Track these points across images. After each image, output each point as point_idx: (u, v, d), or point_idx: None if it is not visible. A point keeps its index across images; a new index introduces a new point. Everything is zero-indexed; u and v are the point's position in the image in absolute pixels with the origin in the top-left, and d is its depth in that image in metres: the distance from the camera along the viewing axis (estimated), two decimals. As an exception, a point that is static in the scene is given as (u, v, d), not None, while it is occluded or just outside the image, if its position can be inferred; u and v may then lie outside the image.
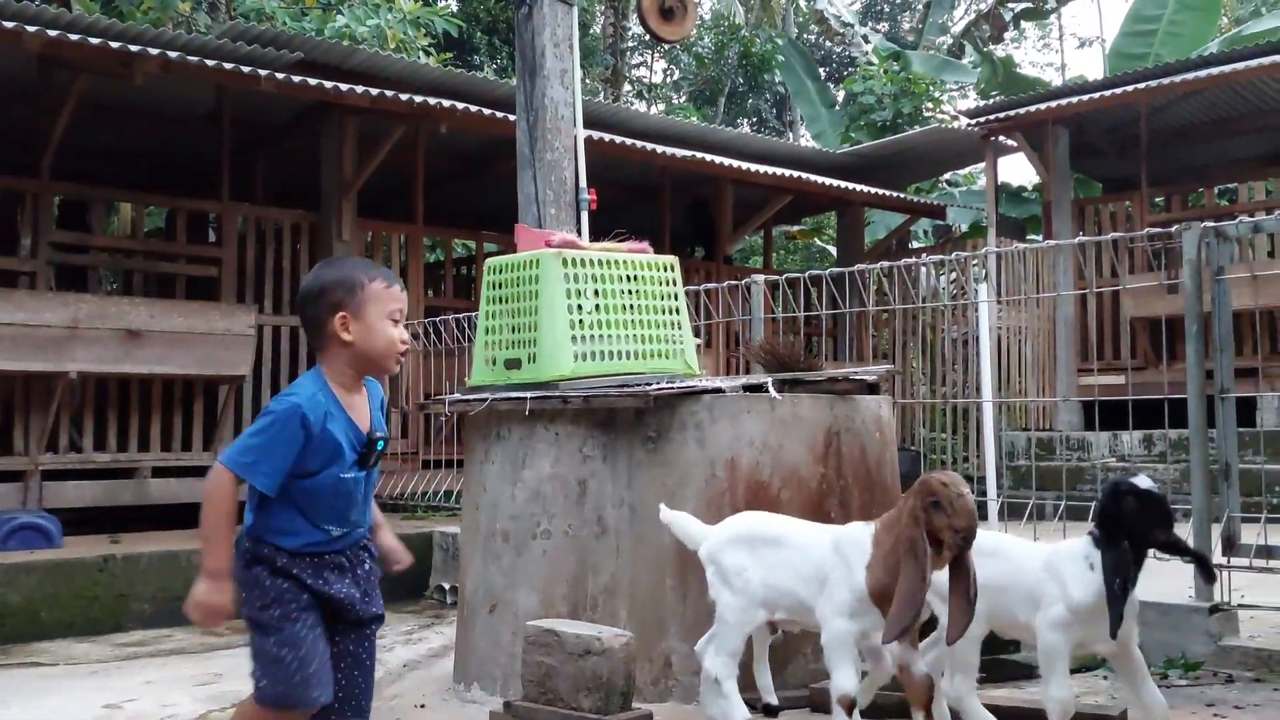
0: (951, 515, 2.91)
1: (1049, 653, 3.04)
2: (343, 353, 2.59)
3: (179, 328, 7.61)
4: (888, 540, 3.02)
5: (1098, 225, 11.32)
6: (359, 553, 2.72)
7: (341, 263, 2.75)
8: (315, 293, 2.61)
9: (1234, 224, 4.28)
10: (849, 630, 3.04)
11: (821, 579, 3.11)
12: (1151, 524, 3.02)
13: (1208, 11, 14.23)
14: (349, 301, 2.57)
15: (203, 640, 5.86)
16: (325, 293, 2.59)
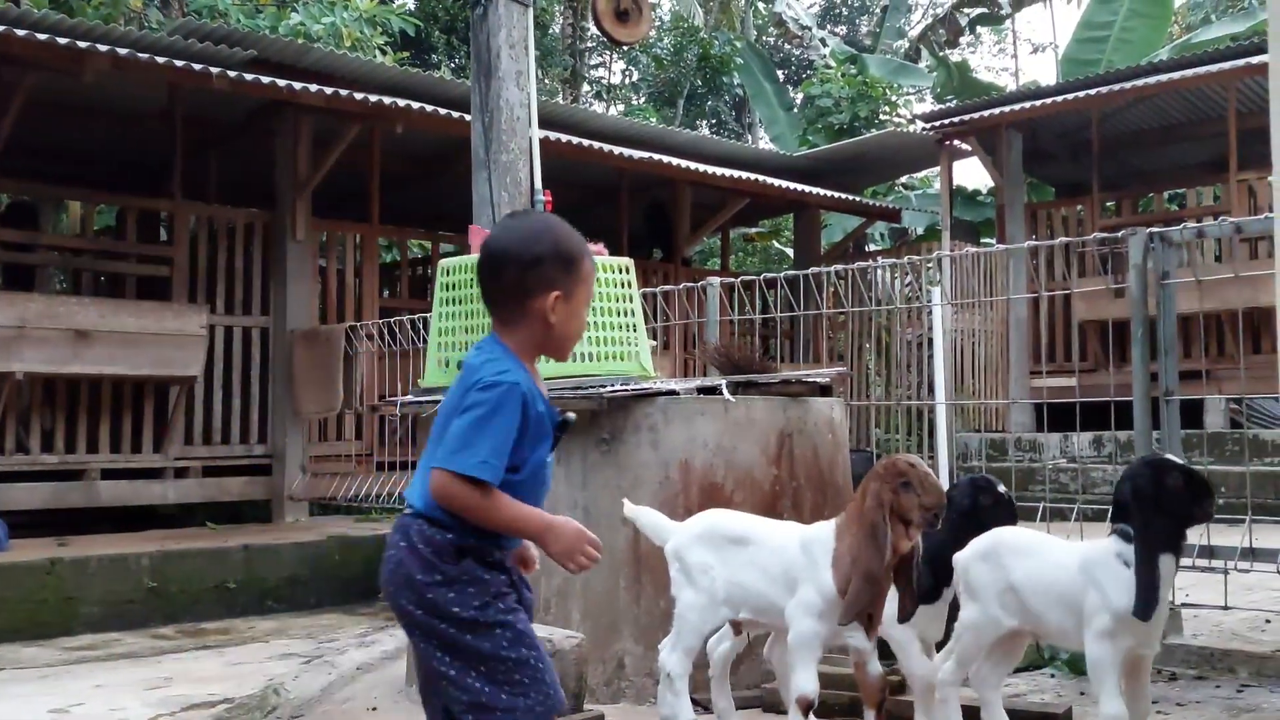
0: (922, 494, 2.96)
1: (1098, 665, 2.87)
2: (537, 331, 2.25)
3: (129, 328, 7.53)
4: (850, 535, 3.04)
5: (1050, 229, 11.47)
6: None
7: (549, 224, 2.33)
8: (528, 260, 2.23)
9: (1179, 230, 4.35)
10: (815, 631, 3.05)
11: (789, 579, 3.10)
12: (1193, 502, 2.86)
13: (1158, 19, 14.45)
14: (564, 280, 2.23)
15: (153, 644, 5.81)
16: (542, 264, 2.22)
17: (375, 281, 9.51)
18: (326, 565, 7.12)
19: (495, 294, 2.28)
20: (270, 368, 8.70)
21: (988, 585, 3.10)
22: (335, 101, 8.06)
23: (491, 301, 2.29)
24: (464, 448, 2.11)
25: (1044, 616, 3.01)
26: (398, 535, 2.20)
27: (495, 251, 2.28)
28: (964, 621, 3.16)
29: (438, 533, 2.16)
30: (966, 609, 3.15)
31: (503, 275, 2.25)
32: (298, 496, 8.43)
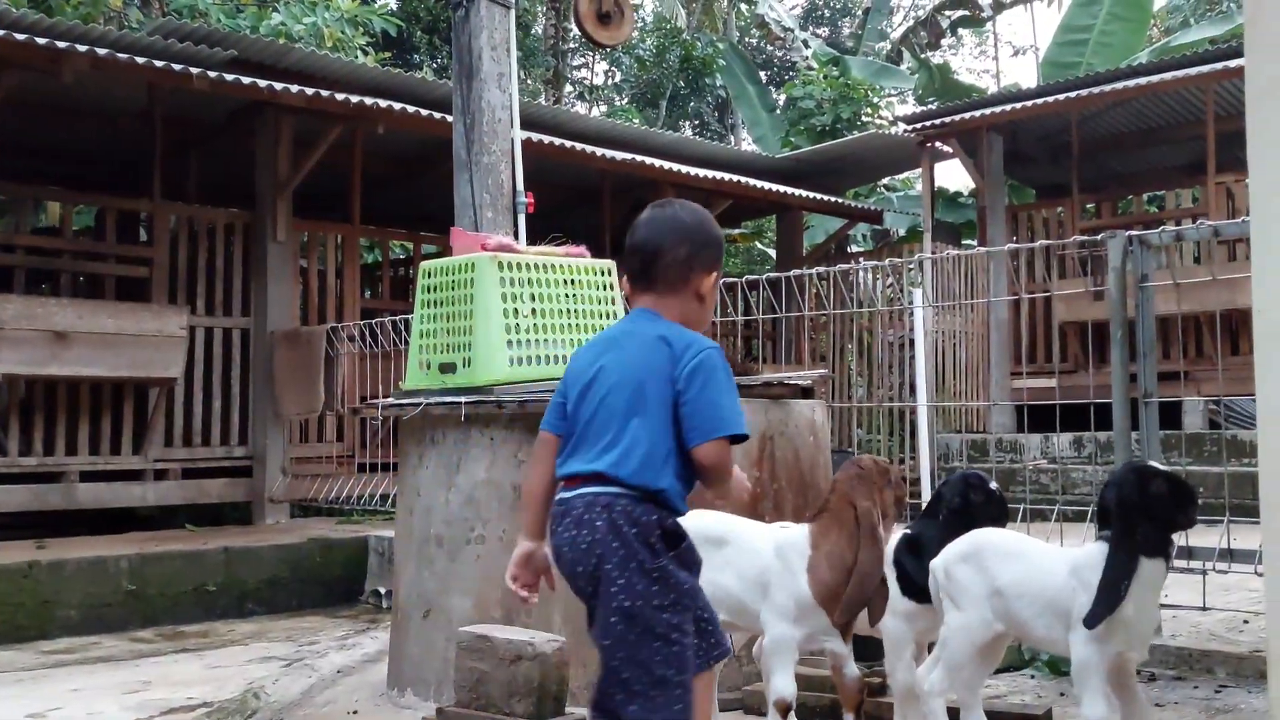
0: (897, 489, 3.02)
1: (1084, 668, 2.84)
2: (691, 308, 2.35)
3: (108, 329, 7.49)
4: (826, 541, 3.04)
5: (1031, 231, 11.51)
6: None
7: (708, 213, 2.50)
8: (703, 241, 2.38)
9: (1157, 233, 4.38)
10: (791, 636, 3.04)
11: (764, 583, 3.09)
12: (1177, 508, 2.88)
13: (1137, 22, 14.53)
14: (718, 265, 2.40)
15: (131, 647, 5.78)
16: (711, 246, 2.39)
17: (356, 282, 9.48)
18: (307, 567, 7.09)
19: (661, 269, 2.37)
20: (251, 369, 8.66)
21: (973, 588, 3.05)
22: (316, 102, 8.04)
23: (653, 276, 2.37)
24: (730, 412, 2.24)
25: (1031, 622, 2.99)
26: (598, 512, 2.21)
27: (672, 228, 2.39)
28: (950, 626, 3.09)
29: (646, 512, 2.21)
30: (951, 614, 3.09)
31: (676, 251, 2.36)
32: (278, 498, 8.40)
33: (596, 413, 2.30)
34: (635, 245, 2.42)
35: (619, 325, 2.48)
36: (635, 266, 2.41)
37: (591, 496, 2.23)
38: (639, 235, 2.42)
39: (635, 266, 2.41)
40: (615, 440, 2.25)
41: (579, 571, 2.24)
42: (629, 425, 2.25)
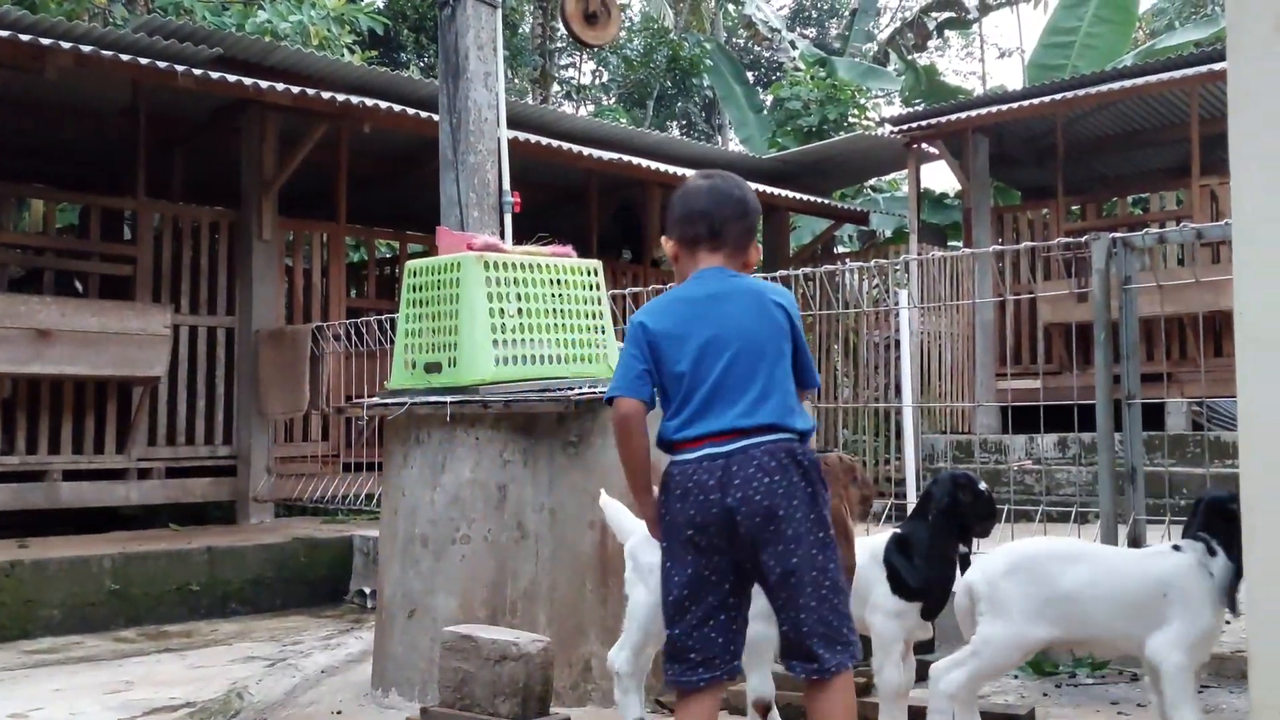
0: (863, 486, 3.06)
1: (1181, 677, 2.90)
2: (748, 267, 2.66)
3: (91, 327, 7.45)
4: None
5: (1016, 232, 11.55)
6: None
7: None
8: (757, 210, 2.69)
9: (1140, 235, 4.40)
10: (767, 635, 3.05)
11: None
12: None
13: (1123, 25, 14.59)
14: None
15: (114, 647, 5.75)
16: (759, 214, 2.72)
17: (342, 281, 9.46)
18: (291, 567, 7.07)
19: (741, 232, 2.63)
20: (235, 368, 8.63)
21: (1021, 599, 3.04)
22: (302, 100, 8.01)
23: (732, 238, 2.61)
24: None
25: (1106, 625, 3.01)
26: (783, 458, 2.44)
27: (739, 198, 2.66)
28: (987, 638, 3.08)
29: (809, 452, 2.51)
30: (990, 625, 3.08)
31: (748, 218, 2.64)
32: (262, 498, 8.37)
33: (730, 368, 2.47)
34: (702, 211, 2.61)
35: (702, 285, 2.57)
36: (703, 230, 2.60)
37: (771, 444, 2.44)
38: (703, 202, 2.62)
39: (703, 230, 2.60)
40: (767, 391, 2.46)
41: (756, 521, 2.41)
42: (775, 375, 2.49)
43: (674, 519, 2.47)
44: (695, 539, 2.44)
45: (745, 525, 2.42)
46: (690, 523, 2.44)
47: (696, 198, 2.62)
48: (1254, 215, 1.90)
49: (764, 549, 2.43)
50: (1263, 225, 1.89)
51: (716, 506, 2.42)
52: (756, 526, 2.42)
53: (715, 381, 2.47)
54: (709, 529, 2.43)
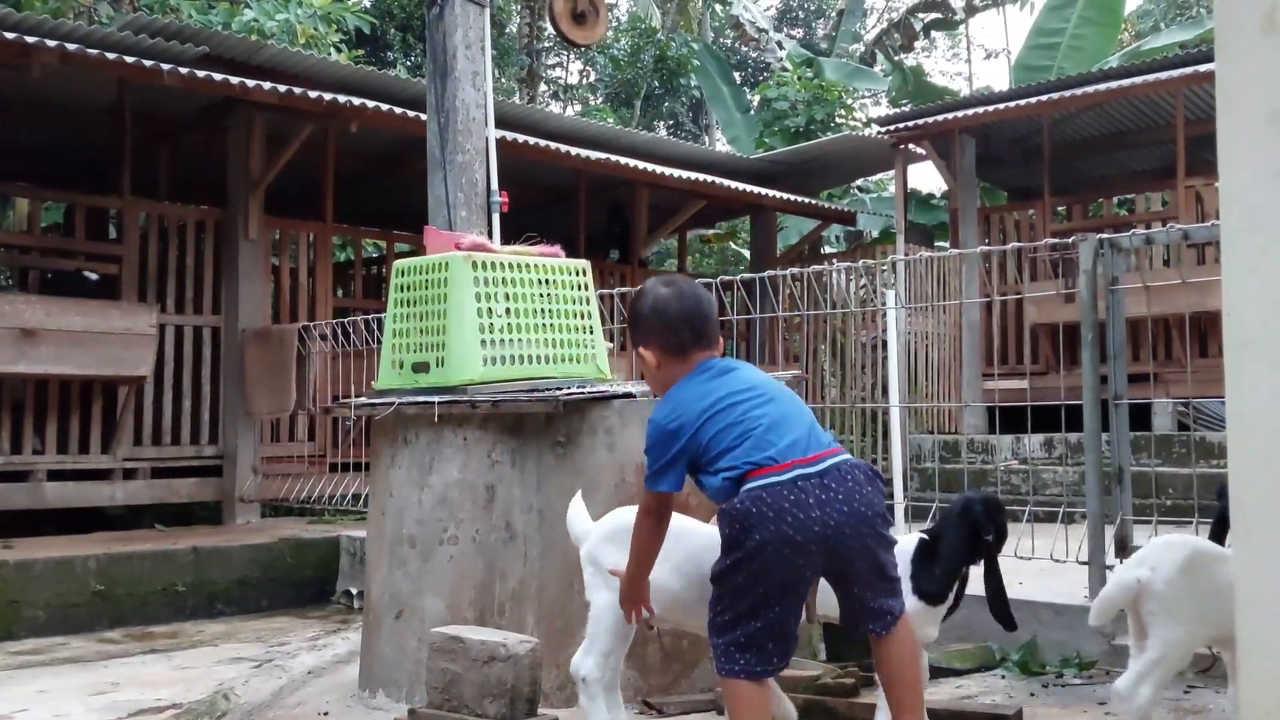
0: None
1: None
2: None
3: (77, 326, 7.41)
4: None
5: (1003, 233, 11.58)
6: None
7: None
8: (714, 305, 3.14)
9: (1127, 236, 4.41)
10: None
11: (703, 579, 2.95)
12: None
13: (1109, 26, 14.65)
14: None
15: (99, 648, 5.72)
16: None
17: (329, 281, 9.43)
18: (278, 568, 7.05)
19: (714, 327, 2.95)
20: (221, 368, 8.60)
21: (1195, 598, 3.01)
22: (289, 99, 7.98)
23: (710, 333, 2.92)
24: None
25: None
26: (862, 475, 2.74)
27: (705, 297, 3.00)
28: (1170, 642, 3.03)
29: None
30: (1168, 629, 3.03)
31: (714, 313, 2.98)
32: (249, 498, 8.34)
33: (780, 407, 2.79)
34: (680, 318, 2.89)
35: (710, 368, 2.88)
36: (687, 336, 2.87)
37: (852, 461, 2.76)
38: (676, 311, 2.89)
39: (687, 336, 2.87)
40: (813, 425, 2.80)
41: (862, 529, 2.71)
42: (809, 418, 2.82)
43: (764, 537, 2.62)
44: (789, 552, 2.63)
45: (852, 533, 2.69)
46: (786, 539, 2.63)
47: (668, 307, 2.89)
48: (1242, 216, 1.90)
49: (863, 552, 2.72)
50: (1251, 226, 1.89)
51: (819, 523, 2.64)
52: (862, 534, 2.70)
53: (772, 417, 2.74)
54: (810, 543, 2.64)
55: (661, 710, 3.68)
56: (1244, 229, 1.89)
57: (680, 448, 2.77)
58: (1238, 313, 1.86)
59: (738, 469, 2.69)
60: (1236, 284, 1.89)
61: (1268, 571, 1.86)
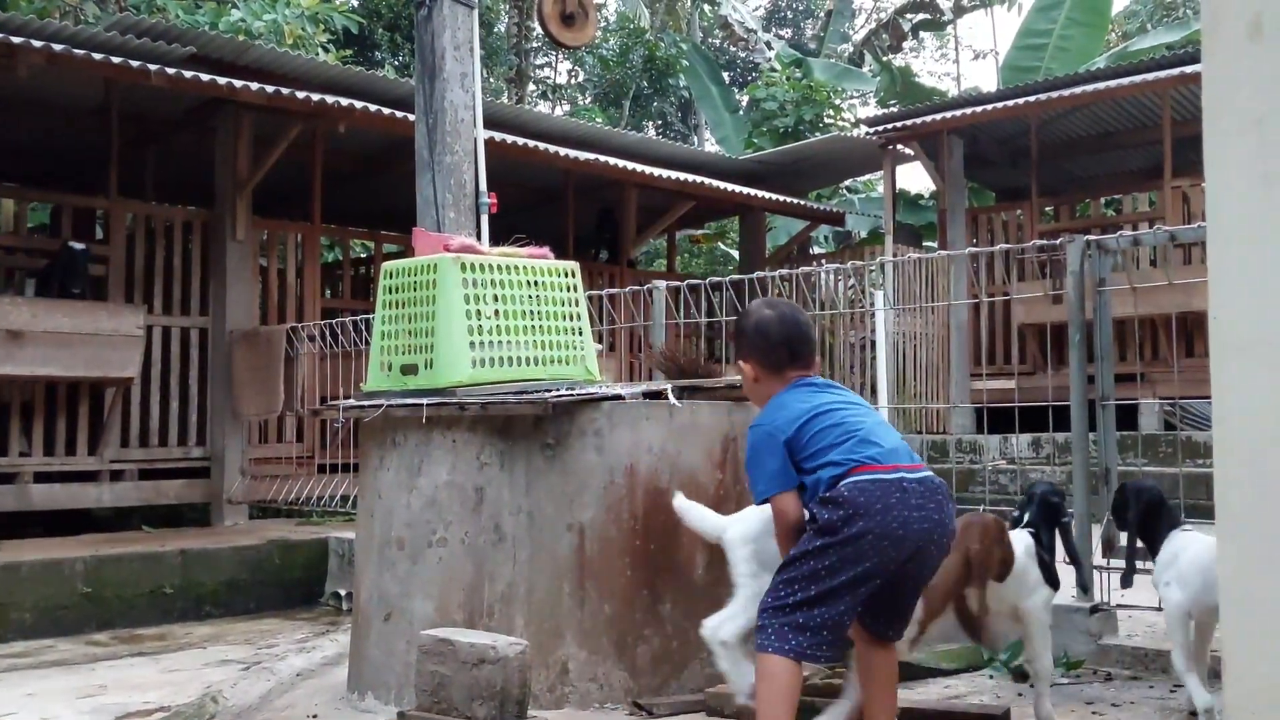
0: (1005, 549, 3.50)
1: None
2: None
3: (63, 328, 7.38)
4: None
5: (990, 234, 11.61)
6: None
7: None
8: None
9: (1114, 238, 4.43)
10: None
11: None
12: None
13: (1095, 28, 14.70)
14: None
15: (87, 651, 5.70)
16: None
17: (317, 282, 9.41)
18: (266, 569, 7.03)
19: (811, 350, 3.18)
20: (209, 369, 8.57)
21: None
22: (277, 100, 7.96)
23: (808, 357, 3.15)
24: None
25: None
26: (943, 494, 2.90)
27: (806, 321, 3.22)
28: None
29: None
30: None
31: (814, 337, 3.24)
32: (237, 499, 8.32)
33: (873, 419, 3.02)
34: (781, 340, 3.11)
35: (811, 388, 3.07)
36: (784, 356, 3.10)
37: (937, 479, 2.92)
38: (779, 333, 3.11)
39: (784, 356, 3.10)
40: (899, 440, 2.96)
41: (936, 539, 2.87)
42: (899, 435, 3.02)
43: (866, 526, 2.78)
44: (886, 545, 2.79)
45: (935, 544, 2.88)
46: (887, 532, 2.78)
47: (770, 328, 3.12)
48: (1229, 217, 1.92)
49: (933, 565, 2.95)
50: (1238, 227, 1.90)
51: (916, 524, 2.81)
52: (940, 547, 2.91)
53: (870, 425, 2.95)
54: (905, 540, 2.80)
55: (651, 711, 3.68)
56: (1230, 232, 1.91)
57: (783, 446, 2.93)
58: (1224, 314, 1.88)
59: (842, 464, 2.85)
60: (1223, 286, 1.90)
61: (1252, 570, 1.87)
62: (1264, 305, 1.81)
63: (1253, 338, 1.83)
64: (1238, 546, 1.89)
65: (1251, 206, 1.88)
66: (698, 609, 3.48)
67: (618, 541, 3.76)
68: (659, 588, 3.82)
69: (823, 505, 2.83)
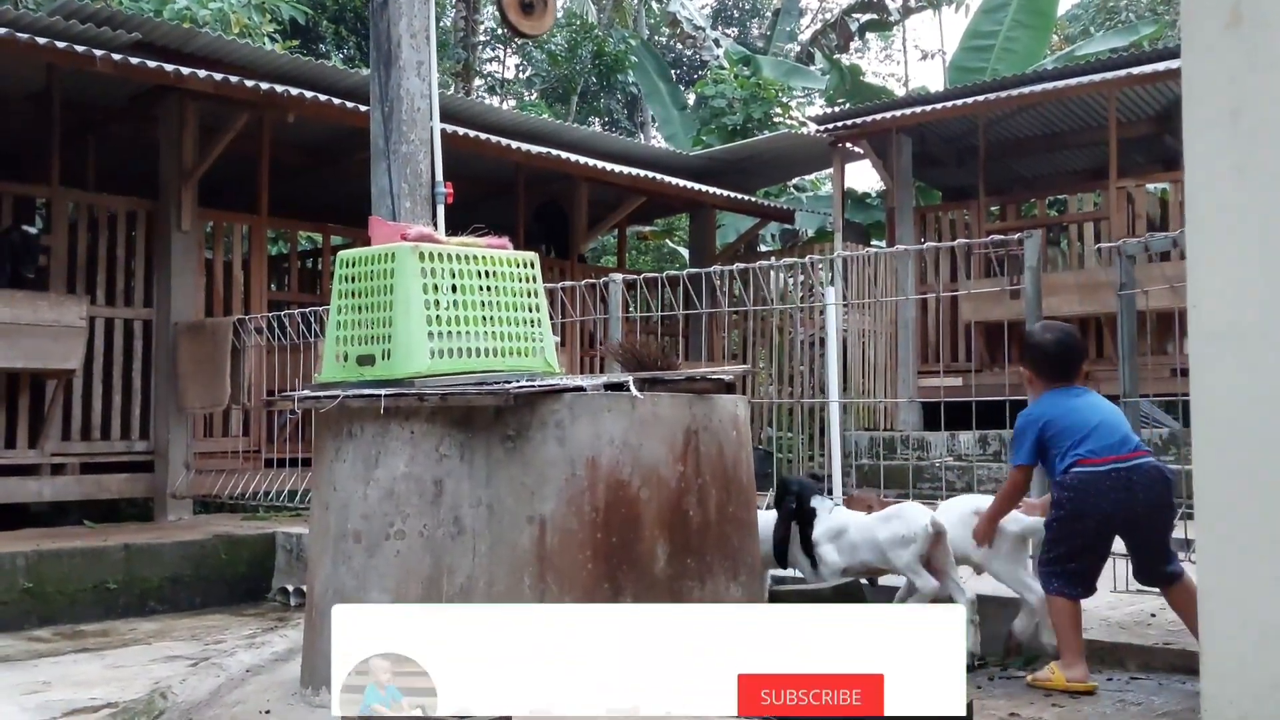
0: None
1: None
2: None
3: (3, 318, 7.22)
4: None
5: (938, 232, 11.71)
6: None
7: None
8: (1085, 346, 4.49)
9: (1138, 241, 4.47)
10: None
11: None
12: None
13: (1040, 30, 14.87)
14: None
15: (29, 647, 5.58)
16: None
17: (264, 274, 9.27)
18: (211, 565, 6.92)
19: (1080, 367, 4.11)
20: (153, 361, 8.42)
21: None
22: (225, 88, 7.83)
23: (1078, 372, 4.09)
24: None
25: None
26: (1157, 474, 3.87)
27: (1079, 344, 4.23)
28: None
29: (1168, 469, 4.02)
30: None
31: (1083, 356, 4.20)
32: (181, 494, 8.17)
33: (1105, 418, 3.93)
34: (1058, 356, 4.06)
35: (1069, 394, 4.02)
36: (1056, 368, 4.04)
37: (1153, 463, 3.88)
38: (1058, 350, 4.06)
39: (1056, 368, 4.04)
40: (1129, 432, 3.96)
41: (1155, 516, 3.86)
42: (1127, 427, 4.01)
43: (1096, 505, 3.82)
44: (1113, 516, 3.83)
45: (1145, 515, 3.83)
46: (1100, 512, 3.83)
47: (1049, 348, 4.06)
48: (1206, 207, 1.93)
49: (1154, 530, 3.88)
50: (1214, 217, 1.91)
51: (1123, 505, 3.81)
52: (1154, 518, 3.86)
53: (1099, 425, 3.89)
54: (1114, 517, 3.83)
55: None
56: (1208, 219, 1.92)
57: (1036, 434, 3.95)
58: (1203, 303, 1.89)
59: (1072, 457, 3.85)
60: (1201, 276, 1.91)
61: (1229, 561, 1.88)
62: (1242, 295, 1.83)
63: (1231, 326, 1.84)
64: (1215, 539, 1.90)
65: (1228, 198, 1.89)
66: (658, 602, 3.46)
67: (579, 534, 3.73)
68: (620, 581, 3.79)
69: (1056, 489, 3.93)
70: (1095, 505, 3.80)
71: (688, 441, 3.92)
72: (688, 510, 3.85)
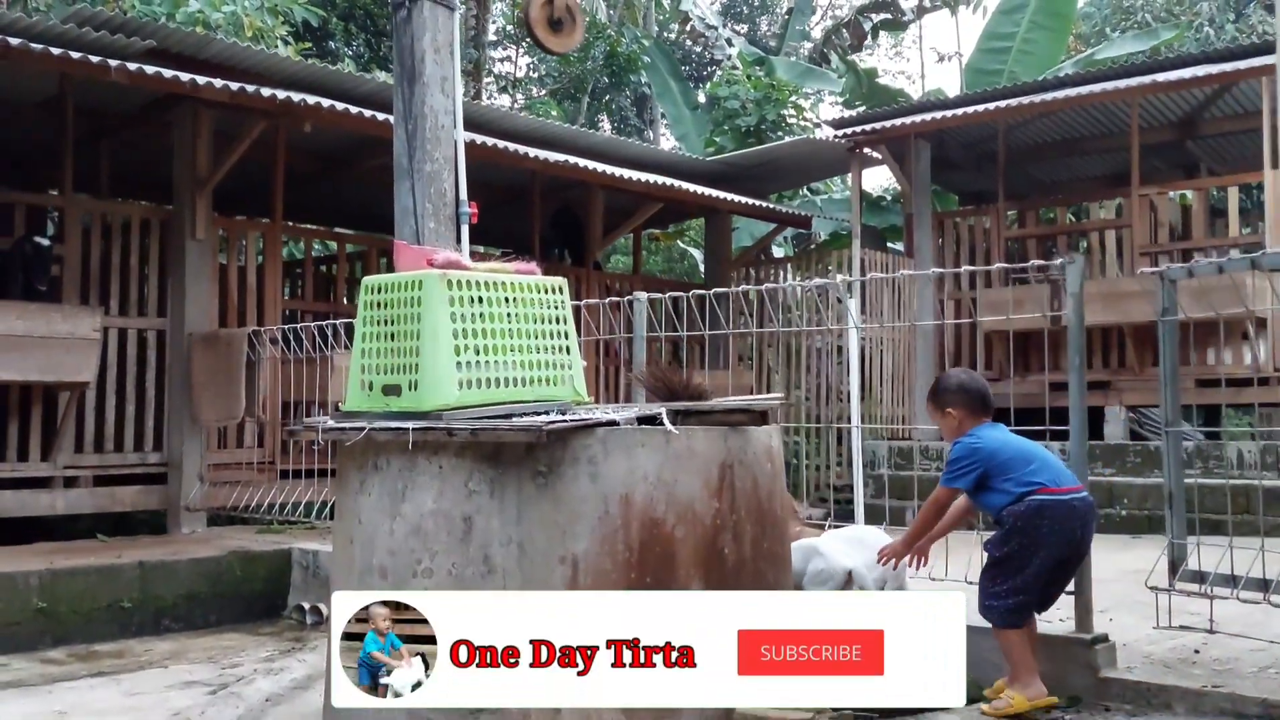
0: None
1: None
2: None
3: (16, 330, 7.12)
4: None
5: (956, 238, 11.59)
6: None
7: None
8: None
9: (1181, 267, 4.37)
10: None
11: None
12: None
13: (1059, 31, 14.73)
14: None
15: (42, 670, 5.50)
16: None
17: (278, 282, 9.17)
18: (227, 582, 6.84)
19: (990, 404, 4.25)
20: (167, 372, 8.32)
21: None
22: (240, 98, 7.72)
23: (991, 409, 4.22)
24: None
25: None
26: (1093, 506, 4.06)
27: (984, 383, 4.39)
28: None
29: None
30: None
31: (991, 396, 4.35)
32: (195, 506, 8.09)
33: (1044, 454, 4.05)
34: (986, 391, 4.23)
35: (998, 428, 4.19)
36: (987, 405, 4.19)
37: (1088, 497, 4.04)
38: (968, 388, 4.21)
39: (987, 405, 4.19)
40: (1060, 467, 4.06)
41: (1084, 539, 4.01)
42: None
43: (1057, 535, 3.89)
44: (1072, 543, 3.93)
45: (1086, 548, 4.03)
46: (1068, 538, 3.91)
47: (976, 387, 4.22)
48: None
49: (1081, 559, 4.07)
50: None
51: (1079, 531, 3.95)
52: (1086, 546, 4.03)
53: (1040, 459, 4.00)
54: (1076, 542, 3.95)
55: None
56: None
57: (980, 460, 4.00)
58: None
59: (1028, 484, 3.91)
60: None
61: None
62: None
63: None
64: None
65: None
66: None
67: (612, 575, 3.63)
68: (653, 620, 3.69)
69: (1007, 515, 3.95)
70: (1056, 532, 3.86)
71: (723, 477, 3.82)
72: (723, 548, 3.75)
